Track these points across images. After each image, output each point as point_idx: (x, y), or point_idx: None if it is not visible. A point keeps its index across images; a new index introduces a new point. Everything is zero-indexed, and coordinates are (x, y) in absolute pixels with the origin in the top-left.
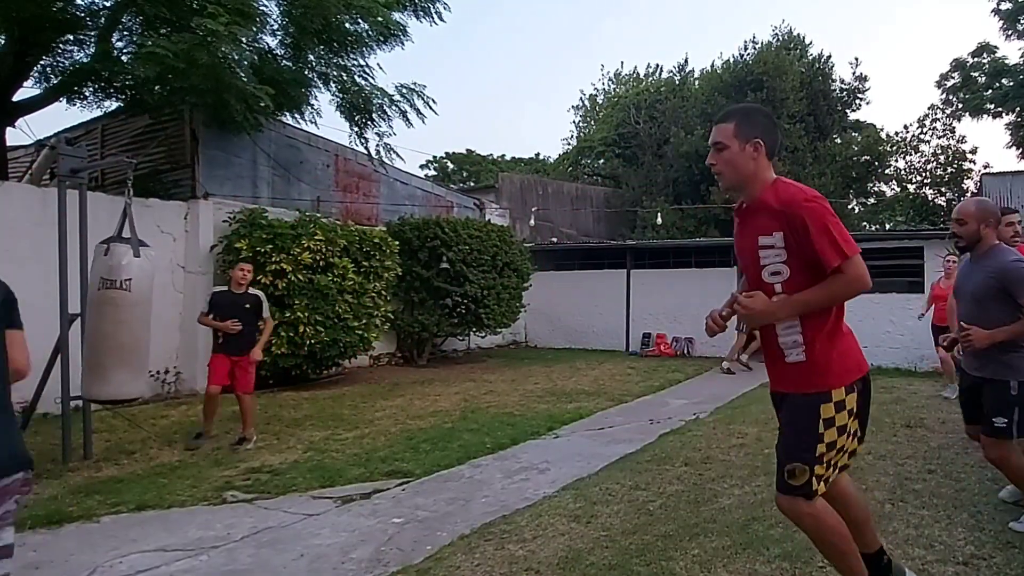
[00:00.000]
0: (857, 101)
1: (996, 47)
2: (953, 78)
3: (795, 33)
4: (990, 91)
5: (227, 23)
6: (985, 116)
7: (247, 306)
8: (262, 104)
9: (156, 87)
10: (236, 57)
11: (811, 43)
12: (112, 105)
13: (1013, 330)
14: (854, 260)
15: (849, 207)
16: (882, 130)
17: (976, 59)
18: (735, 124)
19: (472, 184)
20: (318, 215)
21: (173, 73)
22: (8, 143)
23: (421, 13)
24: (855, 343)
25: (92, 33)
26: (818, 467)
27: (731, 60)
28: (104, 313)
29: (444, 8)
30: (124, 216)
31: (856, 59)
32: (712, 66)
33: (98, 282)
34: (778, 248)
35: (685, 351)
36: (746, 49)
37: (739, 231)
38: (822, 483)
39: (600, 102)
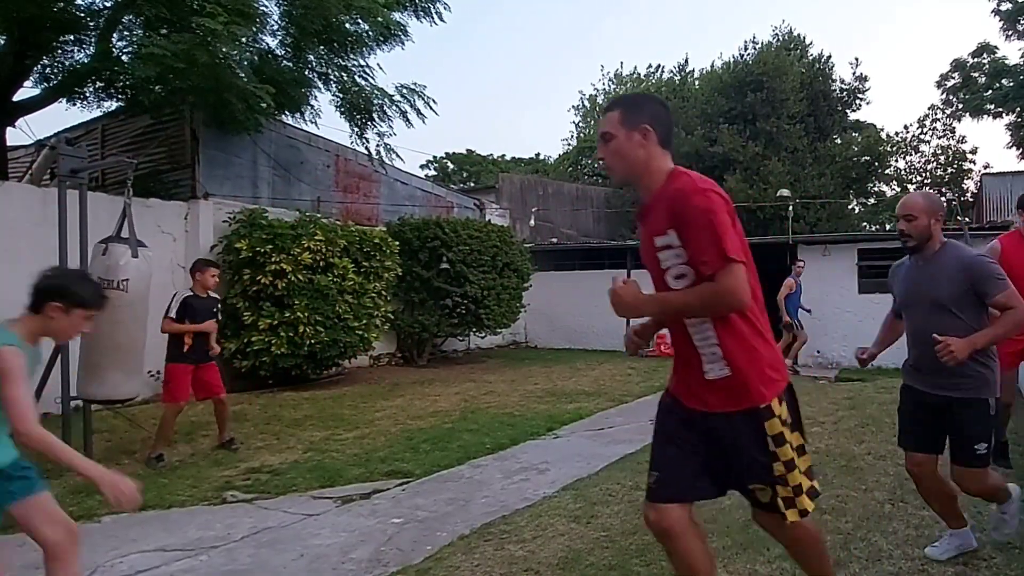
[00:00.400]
0: (857, 101)
1: (996, 47)
2: (953, 78)
3: (795, 33)
4: (990, 91)
5: (226, 23)
6: (985, 116)
7: (215, 310)
8: (263, 104)
9: (156, 87)
10: (236, 57)
11: (811, 43)
12: (112, 105)
13: (994, 333)
14: (732, 269)
15: (849, 207)
16: (882, 130)
17: (976, 59)
18: (620, 111)
19: (472, 184)
20: (318, 215)
21: (173, 73)
22: (8, 143)
23: (421, 13)
24: (777, 350)
25: (92, 33)
26: (780, 488)
27: (731, 60)
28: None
29: (444, 8)
30: (123, 216)
31: (856, 59)
32: (712, 66)
33: None
34: (675, 248)
35: None
36: (746, 49)
37: (640, 232)
38: (794, 504)
39: (600, 102)
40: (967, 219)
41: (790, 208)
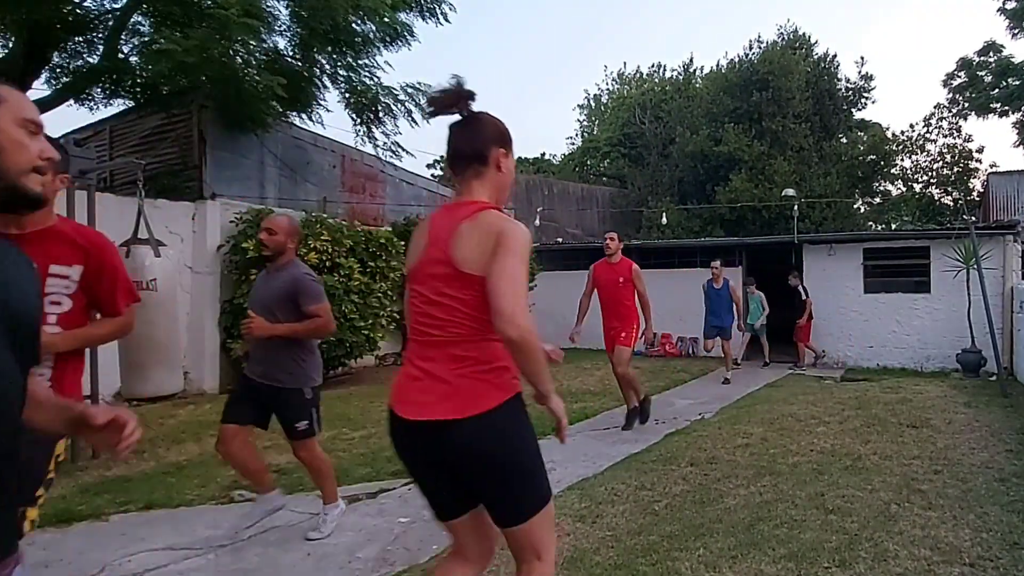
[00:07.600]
0: (863, 100)
1: (1003, 46)
2: (959, 77)
3: (800, 32)
4: (996, 90)
5: (238, 15)
6: (991, 115)
7: None
8: (275, 94)
9: (169, 84)
10: (247, 49)
11: (816, 42)
12: (122, 105)
13: None
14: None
15: (855, 207)
16: (888, 129)
17: (982, 58)
18: None
19: None
20: (324, 215)
21: (186, 68)
22: None
23: (427, 14)
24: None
25: (102, 34)
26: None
27: (736, 60)
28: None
29: (450, 9)
30: (139, 217)
31: (862, 58)
32: (717, 65)
33: None
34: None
35: (690, 351)
36: (751, 48)
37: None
38: None
39: (605, 102)
40: (973, 218)
41: (795, 207)
